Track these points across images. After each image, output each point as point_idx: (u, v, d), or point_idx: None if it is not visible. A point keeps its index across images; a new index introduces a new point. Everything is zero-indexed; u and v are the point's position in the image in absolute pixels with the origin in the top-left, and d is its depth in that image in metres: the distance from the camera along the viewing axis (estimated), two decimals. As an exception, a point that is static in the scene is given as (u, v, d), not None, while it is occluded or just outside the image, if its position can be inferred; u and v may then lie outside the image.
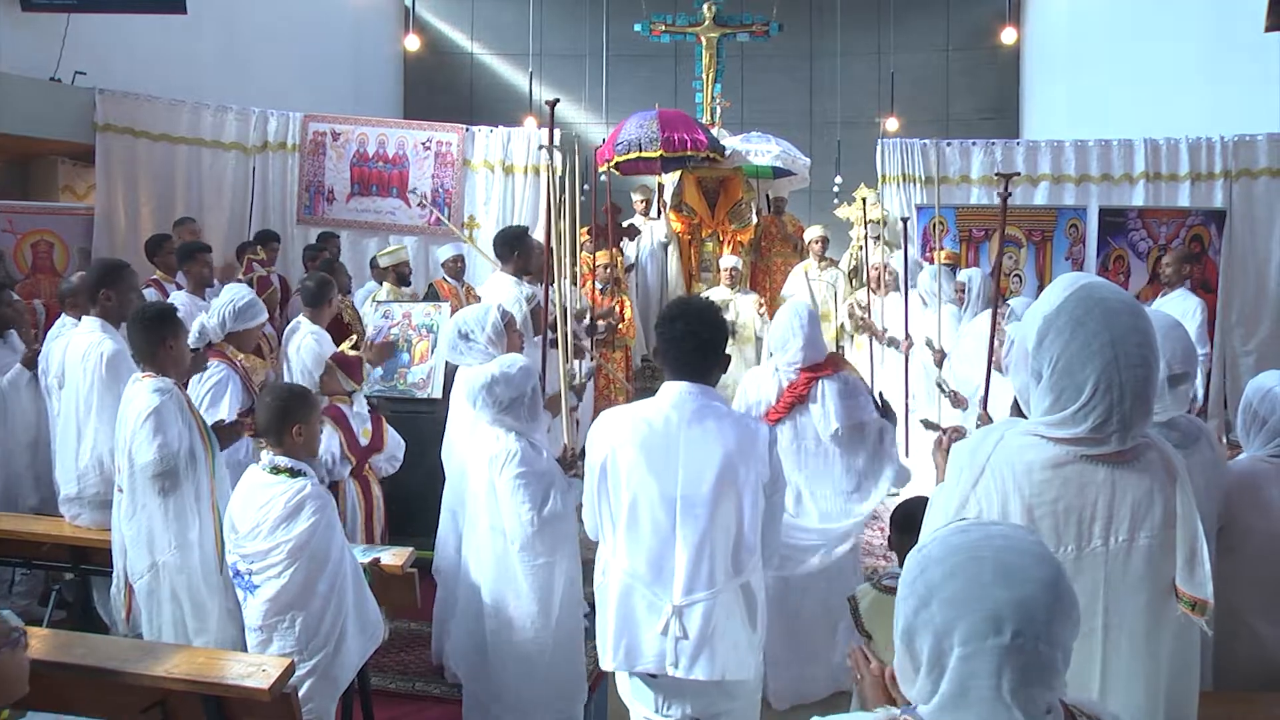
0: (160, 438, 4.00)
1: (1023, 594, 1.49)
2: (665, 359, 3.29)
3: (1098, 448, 2.09)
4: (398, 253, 8.30)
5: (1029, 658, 1.47)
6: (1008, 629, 1.47)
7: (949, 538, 1.60)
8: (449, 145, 9.90)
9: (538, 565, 4.04)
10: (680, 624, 3.07)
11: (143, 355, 4.25)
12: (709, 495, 3.09)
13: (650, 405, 3.24)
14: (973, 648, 1.48)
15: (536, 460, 4.05)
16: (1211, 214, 9.17)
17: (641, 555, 3.14)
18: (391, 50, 17.04)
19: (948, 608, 1.51)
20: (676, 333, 3.22)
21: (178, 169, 9.62)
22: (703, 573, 3.09)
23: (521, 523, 3.96)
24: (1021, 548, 1.55)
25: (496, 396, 4.03)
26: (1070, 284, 2.17)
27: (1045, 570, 1.53)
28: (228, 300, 5.11)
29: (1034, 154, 9.82)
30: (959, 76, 17.11)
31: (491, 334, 4.71)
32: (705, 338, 3.23)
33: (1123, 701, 2.11)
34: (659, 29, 11.94)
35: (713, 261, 10.37)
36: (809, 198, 13.75)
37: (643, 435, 3.16)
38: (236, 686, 3.27)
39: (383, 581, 4.08)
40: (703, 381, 3.25)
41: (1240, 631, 3.03)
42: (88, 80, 9.29)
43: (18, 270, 8.32)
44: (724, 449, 3.12)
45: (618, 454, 3.18)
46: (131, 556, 4.17)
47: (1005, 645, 1.47)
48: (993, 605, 1.48)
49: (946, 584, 1.53)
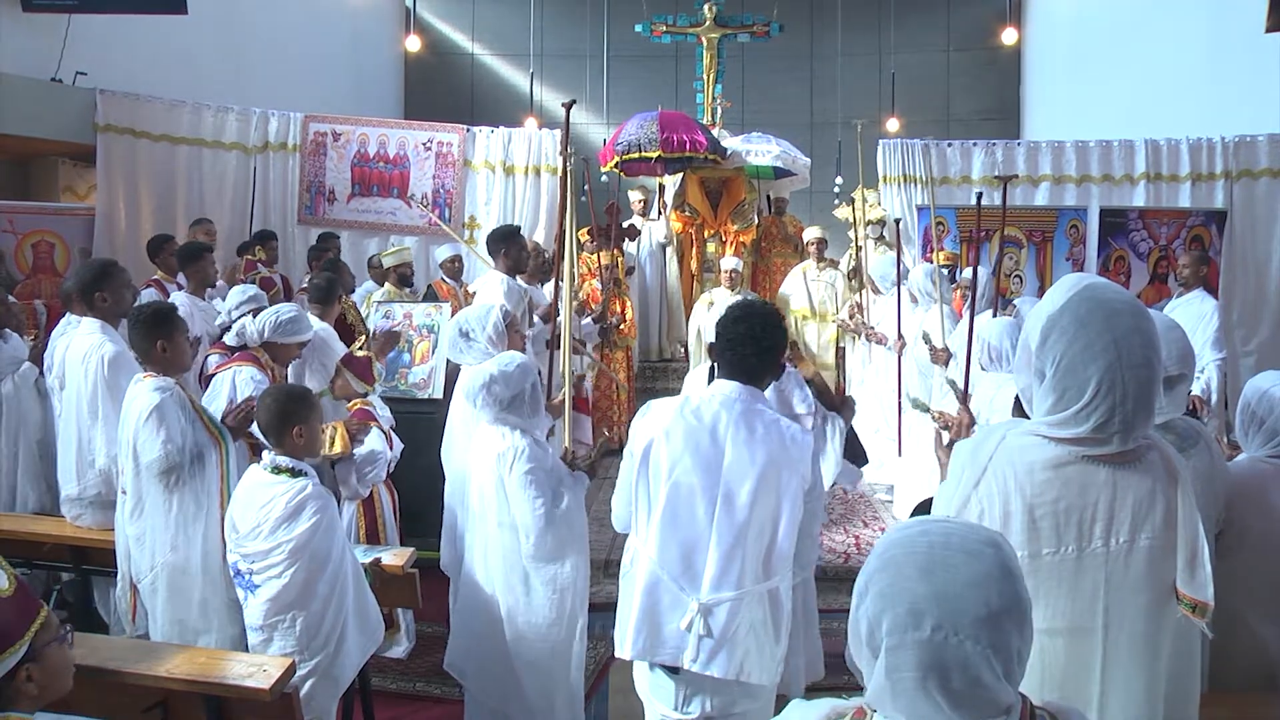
0: (164, 433, 4.01)
1: (945, 589, 1.48)
2: (722, 358, 3.31)
3: (1099, 448, 2.10)
4: (401, 253, 8.28)
5: (953, 653, 1.46)
6: (927, 623, 1.46)
7: (894, 534, 1.60)
8: (450, 146, 9.91)
9: (549, 562, 4.03)
10: (705, 622, 3.07)
11: (142, 354, 4.27)
12: (749, 496, 3.09)
13: (700, 400, 3.25)
14: (896, 639, 1.49)
15: (544, 457, 4.07)
16: (1212, 214, 9.19)
17: (673, 548, 3.14)
18: (392, 51, 17.05)
19: (878, 600, 1.52)
20: (739, 335, 3.25)
21: (178, 169, 9.63)
22: (733, 573, 3.08)
23: (535, 517, 3.93)
24: (956, 545, 1.53)
25: (496, 395, 4.03)
26: (1074, 284, 2.17)
27: (977, 566, 1.50)
28: (273, 311, 5.06)
29: (1035, 154, 9.82)
30: (959, 77, 17.12)
31: (492, 333, 4.73)
32: (766, 345, 3.26)
33: (1122, 703, 2.11)
34: (660, 30, 11.97)
35: (715, 262, 10.39)
36: (809, 198, 13.76)
37: (690, 428, 3.17)
38: (237, 687, 3.28)
39: (383, 582, 4.09)
40: (755, 385, 3.28)
41: (1239, 632, 3.02)
42: (88, 81, 9.30)
43: (19, 271, 8.33)
44: (768, 452, 3.13)
45: (662, 443, 3.18)
46: (135, 556, 4.18)
47: (924, 639, 1.46)
48: (912, 599, 1.48)
49: (878, 577, 1.54)
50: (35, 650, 2.11)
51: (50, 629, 2.16)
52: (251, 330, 5.00)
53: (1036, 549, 2.10)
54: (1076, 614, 2.12)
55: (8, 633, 2.08)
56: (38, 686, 2.12)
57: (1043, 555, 2.11)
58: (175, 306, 4.57)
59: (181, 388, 4.26)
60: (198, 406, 4.27)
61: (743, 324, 3.27)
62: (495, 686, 4.18)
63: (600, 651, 5.48)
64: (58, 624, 2.20)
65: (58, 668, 2.18)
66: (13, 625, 2.09)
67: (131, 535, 4.17)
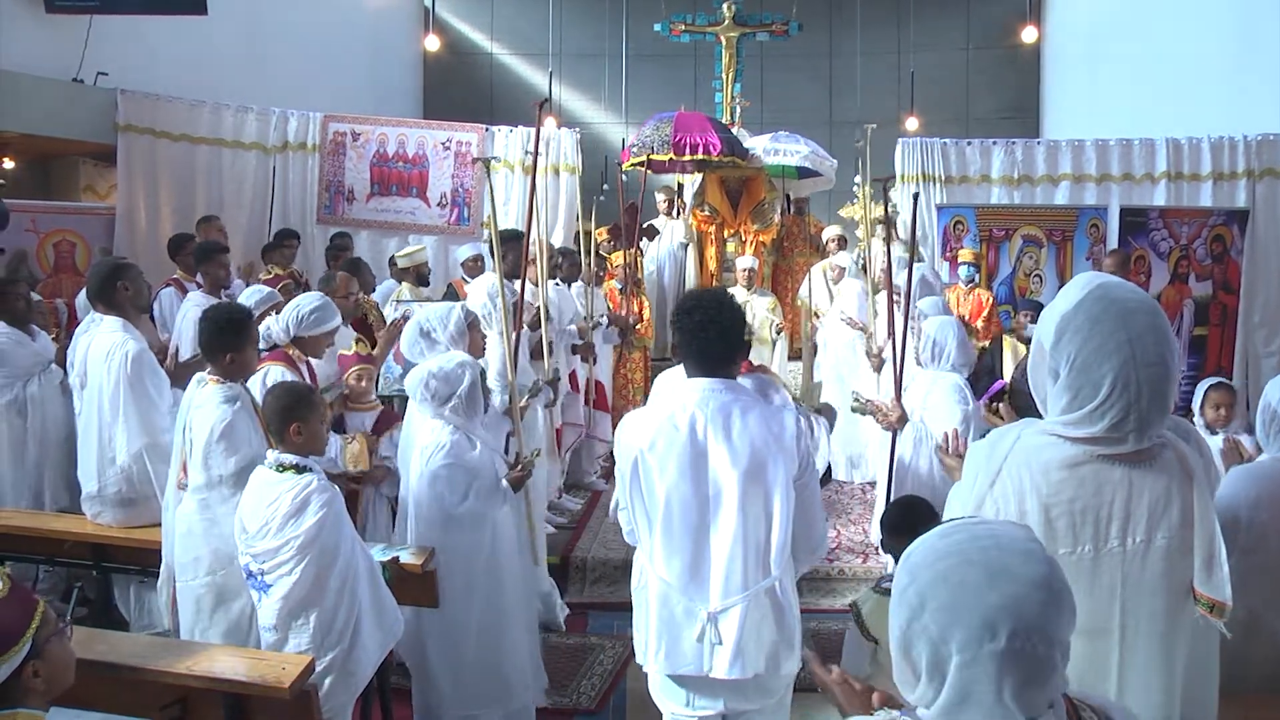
0: (236, 455, 3.99)
1: (1014, 596, 1.47)
2: (686, 352, 3.22)
3: (1114, 447, 2.09)
4: (416, 254, 8.30)
5: (1027, 659, 1.46)
6: (1003, 633, 1.46)
7: (935, 543, 1.58)
8: (469, 145, 9.92)
9: (455, 555, 4.25)
10: (716, 630, 3.04)
11: (208, 357, 4.20)
12: (739, 496, 3.04)
13: (674, 405, 3.17)
14: (970, 654, 1.47)
15: (466, 455, 4.21)
16: (1234, 214, 9.11)
17: (676, 560, 3.10)
18: (411, 50, 17.08)
19: (941, 615, 1.50)
20: (694, 324, 3.16)
21: (198, 169, 9.68)
22: (735, 576, 3.05)
23: (443, 508, 4.18)
24: (1008, 546, 1.53)
25: (433, 391, 4.22)
26: (1087, 283, 2.16)
27: (1034, 568, 1.51)
28: (294, 306, 5.10)
29: (1054, 153, 9.76)
30: (979, 75, 17.04)
31: (454, 332, 4.73)
32: (725, 325, 3.16)
33: (1140, 702, 2.10)
34: (678, 29, 11.96)
35: (734, 261, 10.38)
36: (829, 197, 13.71)
37: (669, 437, 3.10)
38: (256, 684, 3.29)
39: (401, 580, 4.10)
40: (724, 373, 3.19)
41: (1259, 633, 3.01)
42: (109, 81, 9.37)
43: (40, 270, 8.39)
44: (751, 446, 3.07)
45: (645, 457, 3.11)
46: (194, 557, 4.12)
47: (1002, 650, 1.46)
48: (985, 610, 1.47)
49: (937, 591, 1.52)
50: (37, 647, 2.14)
51: (49, 624, 2.19)
52: (277, 329, 5.02)
53: (1053, 549, 2.07)
54: (1094, 614, 2.11)
55: (9, 632, 2.10)
56: (44, 682, 2.15)
57: (1059, 555, 2.09)
58: (250, 312, 4.54)
59: (245, 389, 4.24)
60: (260, 412, 4.19)
61: (697, 311, 3.16)
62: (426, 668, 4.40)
63: (617, 649, 5.50)
64: (55, 618, 2.22)
65: (60, 662, 2.21)
66: (13, 624, 2.12)
67: (196, 531, 4.10)
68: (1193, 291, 9.00)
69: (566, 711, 4.96)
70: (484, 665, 4.35)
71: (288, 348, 5.04)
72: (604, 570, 6.51)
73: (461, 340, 4.75)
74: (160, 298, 7.24)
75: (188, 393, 4.20)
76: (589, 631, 5.89)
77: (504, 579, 4.43)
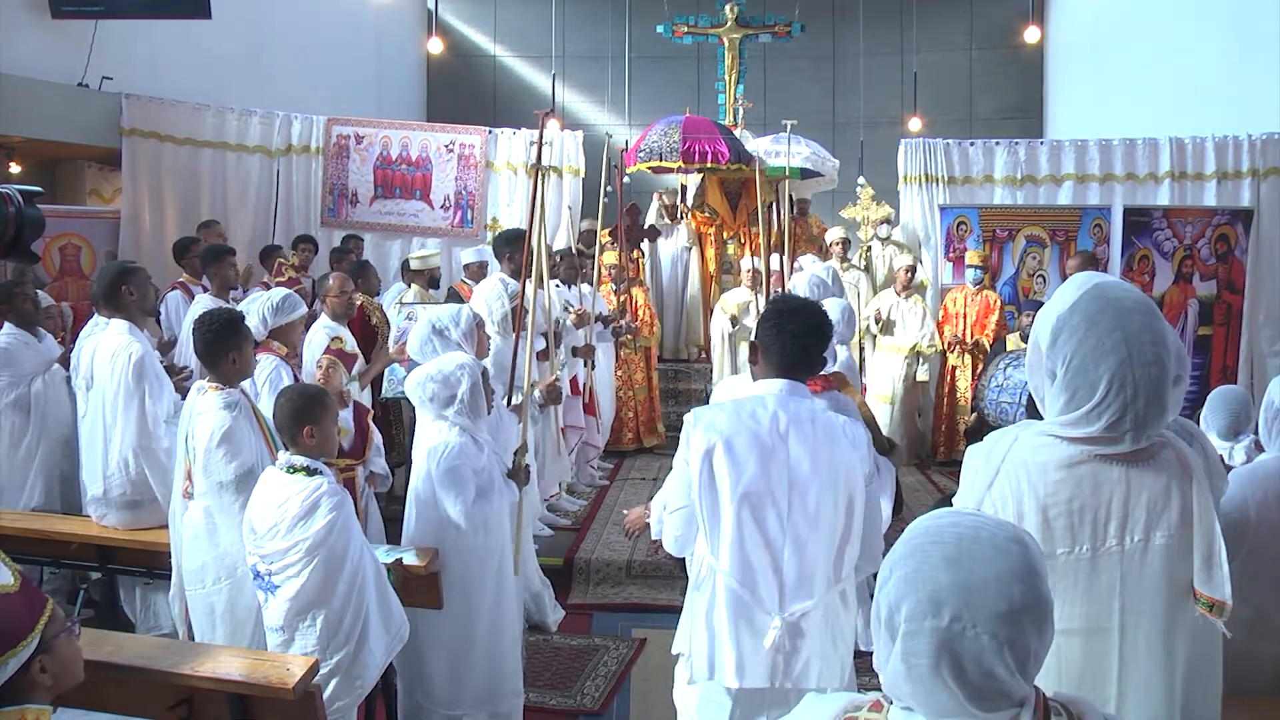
0: (236, 460, 3.99)
1: (968, 581, 1.48)
2: (769, 353, 3.17)
3: (1112, 447, 2.09)
4: (430, 257, 8.34)
5: (967, 644, 1.46)
6: (946, 613, 1.47)
7: (924, 521, 1.60)
8: (472, 147, 9.95)
9: (457, 556, 4.27)
10: (788, 638, 2.94)
11: (208, 363, 4.19)
12: (817, 498, 2.98)
13: (756, 402, 3.11)
14: (914, 625, 1.49)
15: (474, 456, 4.23)
16: (1238, 213, 9.12)
17: (750, 562, 2.97)
18: (414, 53, 17.10)
19: (900, 585, 1.53)
20: (795, 327, 3.13)
21: (203, 172, 9.72)
22: (809, 580, 2.96)
23: (454, 513, 4.18)
24: (984, 539, 1.53)
25: (431, 394, 4.24)
26: (1083, 283, 2.17)
27: (1000, 564, 1.50)
28: (264, 299, 5.18)
29: (1058, 153, 9.78)
30: (982, 76, 17.03)
31: (465, 330, 4.74)
32: (825, 335, 3.21)
33: (1140, 704, 2.10)
34: (681, 30, 11.97)
35: (734, 263, 10.38)
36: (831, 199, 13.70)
37: (753, 433, 3.02)
38: (261, 684, 3.30)
39: (405, 582, 4.10)
40: (803, 377, 3.18)
41: (1265, 633, 3.00)
42: (114, 85, 9.41)
43: (46, 273, 8.41)
44: (831, 448, 3.02)
45: (725, 452, 3.00)
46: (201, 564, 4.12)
47: (941, 628, 1.47)
48: (935, 587, 1.49)
49: (904, 562, 1.55)
50: (45, 642, 2.15)
51: (58, 621, 2.20)
52: (254, 325, 5.06)
53: (1051, 549, 2.09)
54: (1092, 614, 2.11)
55: (18, 627, 2.11)
56: (51, 678, 2.16)
57: (1057, 555, 2.10)
58: (242, 315, 4.52)
59: (243, 393, 4.24)
60: (259, 415, 4.22)
61: (789, 319, 3.14)
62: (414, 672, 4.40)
63: (621, 651, 5.50)
64: (64, 616, 2.24)
65: (68, 658, 2.22)
66: (22, 620, 2.12)
67: (201, 538, 4.10)
68: (1197, 291, 9.00)
69: (570, 713, 4.96)
70: (480, 666, 4.35)
71: (268, 342, 5.09)
72: (607, 572, 6.52)
73: (470, 340, 4.77)
74: (166, 301, 7.28)
75: (188, 401, 4.20)
76: (593, 633, 5.89)
77: (504, 580, 4.44)
